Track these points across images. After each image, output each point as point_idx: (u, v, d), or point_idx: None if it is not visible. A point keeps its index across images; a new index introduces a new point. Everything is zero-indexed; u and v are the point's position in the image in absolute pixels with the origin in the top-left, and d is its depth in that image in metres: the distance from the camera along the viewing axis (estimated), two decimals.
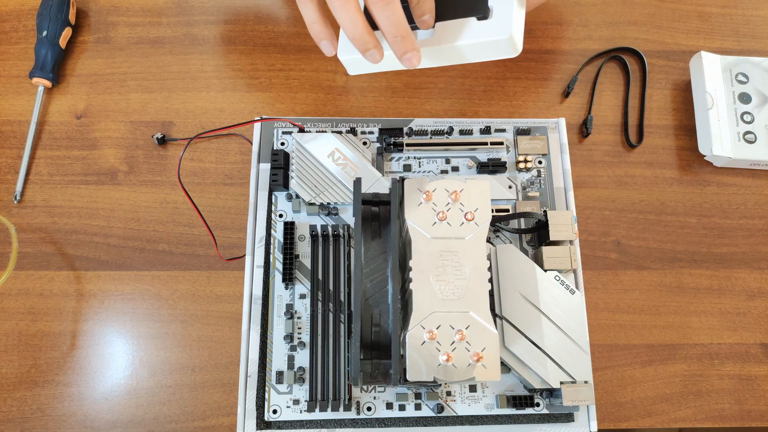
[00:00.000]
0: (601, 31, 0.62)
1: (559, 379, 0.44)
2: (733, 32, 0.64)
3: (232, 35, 0.61)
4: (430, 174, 0.52)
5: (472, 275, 0.41)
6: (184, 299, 0.53)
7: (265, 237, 0.49)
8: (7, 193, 0.55)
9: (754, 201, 0.58)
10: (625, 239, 0.56)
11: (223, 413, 0.50)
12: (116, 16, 0.61)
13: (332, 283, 0.47)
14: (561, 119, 0.53)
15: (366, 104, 0.59)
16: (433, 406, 0.46)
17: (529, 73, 0.61)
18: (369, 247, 0.46)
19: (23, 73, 0.59)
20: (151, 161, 0.56)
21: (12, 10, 0.61)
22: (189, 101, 0.58)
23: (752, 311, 0.55)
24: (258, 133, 0.52)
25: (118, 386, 0.51)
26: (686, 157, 0.59)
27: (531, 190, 0.51)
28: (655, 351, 0.53)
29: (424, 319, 0.40)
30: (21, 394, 0.50)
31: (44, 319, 0.52)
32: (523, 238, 0.50)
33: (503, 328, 0.45)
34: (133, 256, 0.54)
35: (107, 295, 0.53)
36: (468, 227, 0.42)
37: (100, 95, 0.58)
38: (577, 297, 0.46)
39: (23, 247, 0.54)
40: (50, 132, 0.57)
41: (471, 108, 0.60)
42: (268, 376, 0.46)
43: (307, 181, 0.49)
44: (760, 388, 0.53)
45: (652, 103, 0.61)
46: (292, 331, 0.47)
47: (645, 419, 0.52)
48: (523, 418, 0.46)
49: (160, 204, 0.55)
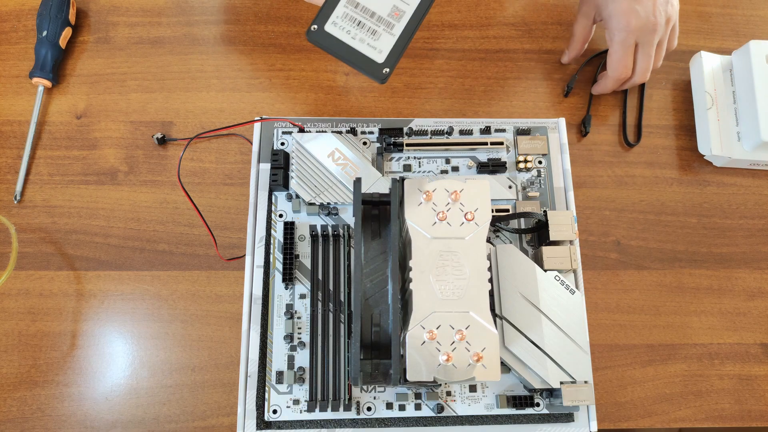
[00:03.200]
0: (601, 31, 0.62)
1: (559, 379, 0.44)
2: (733, 32, 0.64)
3: (232, 35, 0.61)
4: (430, 174, 0.52)
5: (472, 275, 0.41)
6: (184, 299, 0.53)
7: (265, 237, 0.49)
8: (7, 193, 0.55)
9: (754, 201, 0.58)
10: (625, 239, 0.56)
11: (223, 413, 0.50)
12: (116, 16, 0.61)
13: (332, 283, 0.47)
14: (561, 119, 0.53)
15: (366, 104, 0.59)
16: (433, 406, 0.46)
17: (529, 73, 0.61)
18: (369, 247, 0.46)
19: (23, 73, 0.59)
20: (151, 161, 0.56)
21: (12, 10, 0.61)
22: (189, 101, 0.58)
23: (752, 311, 0.55)
24: (258, 133, 0.52)
25: (118, 386, 0.51)
26: (686, 156, 0.59)
27: (531, 190, 0.51)
28: (655, 351, 0.53)
29: (424, 319, 0.40)
30: (21, 394, 0.50)
31: (44, 319, 0.52)
32: (523, 238, 0.50)
33: (503, 328, 0.45)
34: (133, 256, 0.54)
35: (107, 295, 0.53)
36: (468, 227, 0.42)
37: (100, 95, 0.58)
38: (577, 297, 0.46)
39: (23, 247, 0.54)
40: (50, 132, 0.57)
41: (471, 108, 0.60)
42: (268, 376, 0.46)
43: (307, 181, 0.49)
44: (760, 388, 0.53)
45: (652, 103, 0.61)
46: (292, 331, 0.47)
47: (645, 419, 0.52)
48: (523, 418, 0.46)
49: (160, 204, 0.55)
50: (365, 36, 0.45)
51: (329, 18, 0.45)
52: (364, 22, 0.45)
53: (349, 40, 0.45)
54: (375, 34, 0.45)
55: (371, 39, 0.45)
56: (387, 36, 0.45)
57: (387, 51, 0.45)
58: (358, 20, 0.45)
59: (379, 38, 0.45)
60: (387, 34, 0.45)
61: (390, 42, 0.45)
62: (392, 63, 0.45)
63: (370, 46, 0.45)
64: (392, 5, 0.45)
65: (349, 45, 0.45)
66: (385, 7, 0.45)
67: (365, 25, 0.45)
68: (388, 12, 0.45)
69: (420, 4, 0.45)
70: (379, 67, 0.45)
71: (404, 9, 0.45)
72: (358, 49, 0.45)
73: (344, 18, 0.45)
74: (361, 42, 0.45)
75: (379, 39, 0.45)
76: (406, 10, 0.45)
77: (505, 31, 0.63)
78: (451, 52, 0.61)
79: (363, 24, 0.45)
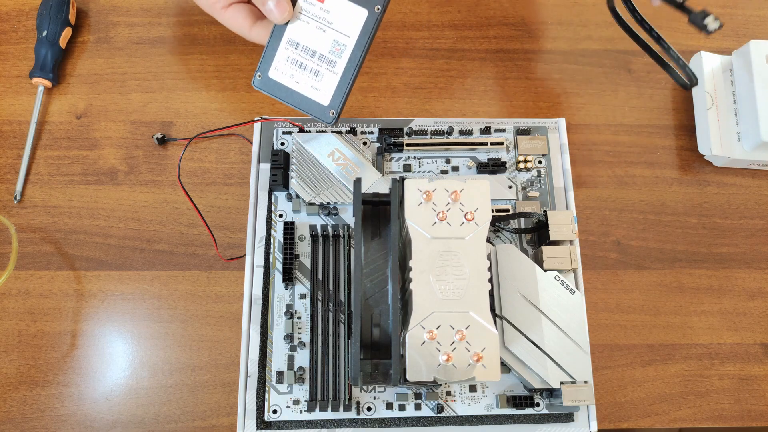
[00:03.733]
0: (601, 31, 0.62)
1: (559, 379, 0.44)
2: (733, 32, 0.64)
3: (231, 35, 0.61)
4: (430, 174, 0.52)
5: (472, 275, 0.41)
6: (184, 299, 0.53)
7: (265, 237, 0.49)
8: (7, 193, 0.55)
9: (754, 201, 0.58)
10: (625, 239, 0.56)
11: (223, 413, 0.50)
12: (116, 16, 0.61)
13: (332, 283, 0.47)
14: (561, 119, 0.53)
15: (366, 104, 0.59)
16: (433, 406, 0.46)
17: (529, 73, 0.61)
18: (369, 247, 0.46)
19: (23, 73, 0.59)
20: (151, 161, 0.56)
21: (12, 10, 0.61)
22: (189, 101, 0.58)
23: (752, 311, 0.55)
24: (258, 133, 0.52)
25: (118, 386, 0.51)
26: (686, 157, 0.59)
27: (531, 190, 0.51)
28: (655, 351, 0.53)
29: (424, 319, 0.40)
30: (21, 394, 0.50)
31: (44, 319, 0.52)
32: (523, 238, 0.50)
33: (503, 328, 0.45)
34: (133, 256, 0.54)
35: (107, 295, 0.53)
36: (468, 227, 0.42)
37: (100, 95, 0.58)
38: (577, 297, 0.46)
39: (23, 247, 0.54)
40: (50, 132, 0.57)
41: (471, 108, 0.60)
42: (268, 376, 0.46)
43: (307, 181, 0.49)
44: (760, 388, 0.53)
45: (652, 103, 0.61)
46: (292, 331, 0.47)
47: (645, 419, 0.52)
48: (523, 418, 0.46)
49: (160, 204, 0.55)
50: (308, 78, 0.43)
51: (271, 63, 0.44)
52: (305, 63, 0.43)
53: (293, 84, 0.44)
54: (318, 74, 0.43)
55: (314, 80, 0.43)
56: (329, 75, 0.43)
57: (331, 92, 0.43)
58: (300, 62, 0.43)
59: (321, 78, 0.43)
60: (329, 72, 0.43)
61: (333, 81, 0.43)
62: (337, 103, 0.43)
63: (313, 89, 0.44)
64: (332, 40, 0.43)
65: (293, 90, 0.44)
66: (326, 43, 0.43)
67: (306, 66, 0.43)
68: (329, 48, 0.43)
69: (360, 35, 0.43)
70: (325, 110, 0.44)
71: (345, 42, 0.43)
72: (302, 93, 0.44)
73: (286, 61, 0.44)
74: (305, 85, 0.44)
75: (322, 79, 0.43)
76: (346, 44, 0.43)
77: (505, 31, 0.63)
78: (451, 52, 0.61)
79: (304, 65, 0.43)
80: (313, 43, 0.43)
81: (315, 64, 0.44)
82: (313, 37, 0.44)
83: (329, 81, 0.44)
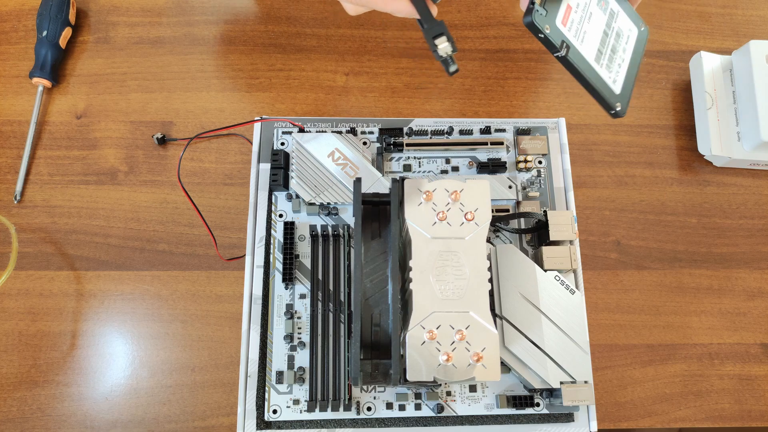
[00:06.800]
0: None
1: (559, 379, 0.44)
2: (733, 32, 0.64)
3: (232, 35, 0.61)
4: (430, 174, 0.52)
5: (472, 275, 0.41)
6: (184, 299, 0.53)
7: (265, 237, 0.49)
8: (7, 193, 0.55)
9: (754, 201, 0.58)
10: (625, 239, 0.56)
11: (223, 413, 0.50)
12: (116, 16, 0.61)
13: (332, 283, 0.47)
14: (561, 119, 0.53)
15: (366, 104, 0.59)
16: (433, 406, 0.46)
17: (529, 73, 0.61)
18: (369, 247, 0.46)
19: (23, 73, 0.59)
20: (151, 161, 0.56)
21: (12, 10, 0.61)
22: (189, 101, 0.58)
23: (752, 311, 0.55)
24: (258, 133, 0.52)
25: (118, 386, 0.51)
26: (686, 156, 0.59)
27: (531, 190, 0.51)
28: (655, 351, 0.53)
29: (424, 319, 0.40)
30: (21, 394, 0.50)
31: (44, 319, 0.52)
32: (523, 238, 0.50)
33: (503, 328, 0.45)
34: (133, 256, 0.54)
35: (107, 295, 0.53)
36: (468, 227, 0.42)
37: (100, 95, 0.58)
38: (577, 297, 0.46)
39: (23, 247, 0.54)
40: (50, 132, 0.57)
41: (471, 108, 0.60)
42: (268, 376, 0.46)
43: (307, 181, 0.49)
44: (760, 388, 0.53)
45: (652, 103, 0.61)
46: (292, 331, 0.47)
47: (645, 419, 0.52)
48: (523, 418, 0.46)
49: (160, 204, 0.55)
50: (599, 51, 0.38)
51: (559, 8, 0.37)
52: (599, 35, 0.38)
53: (583, 49, 0.38)
54: (611, 58, 0.39)
55: (607, 60, 0.39)
56: (619, 60, 0.39)
57: (621, 80, 0.39)
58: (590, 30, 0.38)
59: (613, 62, 0.39)
60: (619, 58, 0.39)
61: (623, 69, 0.39)
62: (626, 95, 0.39)
63: (607, 69, 0.38)
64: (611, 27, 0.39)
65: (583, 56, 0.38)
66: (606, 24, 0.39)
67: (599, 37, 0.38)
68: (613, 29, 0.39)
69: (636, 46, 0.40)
70: (616, 99, 0.39)
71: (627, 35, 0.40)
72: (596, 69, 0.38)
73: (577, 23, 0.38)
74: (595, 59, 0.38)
75: (613, 62, 0.39)
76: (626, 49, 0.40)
77: (505, 31, 0.63)
78: None
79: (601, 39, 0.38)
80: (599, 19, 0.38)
81: (607, 45, 0.39)
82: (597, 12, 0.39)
83: (620, 68, 0.39)
